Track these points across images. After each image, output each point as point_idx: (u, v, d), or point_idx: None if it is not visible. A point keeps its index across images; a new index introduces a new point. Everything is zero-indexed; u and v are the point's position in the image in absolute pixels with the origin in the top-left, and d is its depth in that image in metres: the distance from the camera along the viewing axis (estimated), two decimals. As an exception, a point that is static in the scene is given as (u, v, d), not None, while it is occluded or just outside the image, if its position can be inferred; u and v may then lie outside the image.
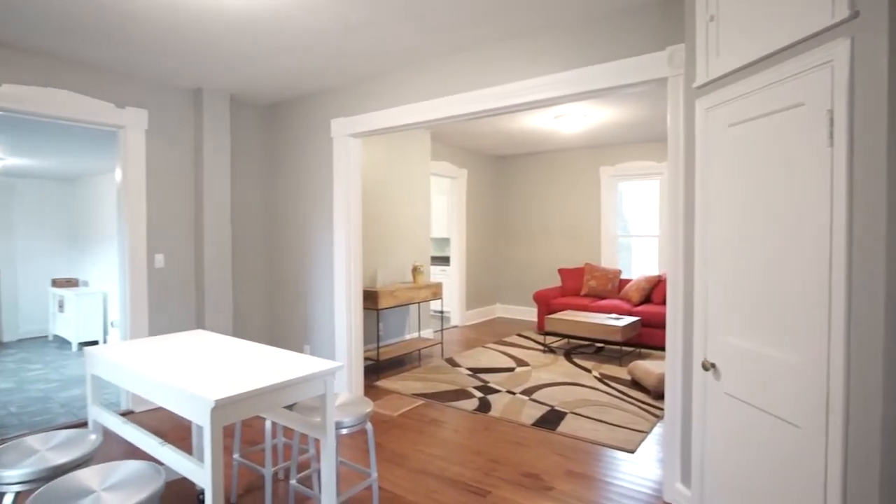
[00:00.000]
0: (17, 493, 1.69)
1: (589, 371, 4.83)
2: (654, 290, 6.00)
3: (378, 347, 4.69)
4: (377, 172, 5.35)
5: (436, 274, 8.03)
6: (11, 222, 6.82)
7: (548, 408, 3.82)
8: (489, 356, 5.39)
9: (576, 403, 3.91)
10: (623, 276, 6.92)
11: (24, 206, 6.95)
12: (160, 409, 3.84)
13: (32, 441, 1.88)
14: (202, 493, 2.55)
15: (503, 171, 7.94)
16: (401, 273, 5.62)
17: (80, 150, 5.21)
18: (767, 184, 1.60)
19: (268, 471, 2.29)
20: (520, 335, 6.49)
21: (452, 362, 5.14)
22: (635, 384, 4.40)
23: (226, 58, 3.36)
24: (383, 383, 4.43)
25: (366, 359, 4.75)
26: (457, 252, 7.14)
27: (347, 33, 2.96)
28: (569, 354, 5.50)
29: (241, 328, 4.47)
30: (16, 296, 6.87)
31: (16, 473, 1.66)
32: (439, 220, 8.24)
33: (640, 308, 5.79)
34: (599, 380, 4.54)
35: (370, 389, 4.29)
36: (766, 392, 1.59)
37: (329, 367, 1.85)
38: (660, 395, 4.04)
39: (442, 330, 5.54)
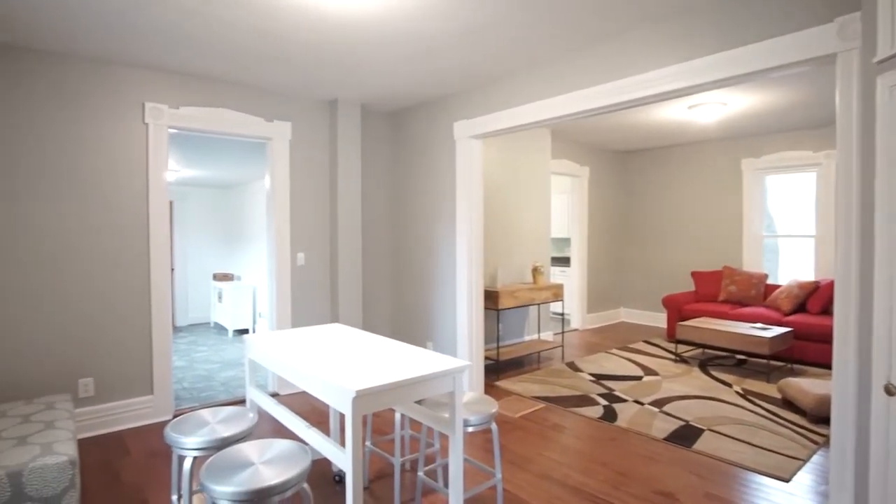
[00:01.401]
0: (195, 458, 1.96)
1: (729, 386, 4.38)
2: (809, 298, 5.27)
3: (498, 347, 4.70)
4: (497, 172, 5.36)
5: (555, 275, 7.85)
6: (184, 225, 7.99)
7: (681, 422, 3.53)
8: (614, 362, 5.14)
9: (714, 420, 3.57)
10: (769, 282, 6.18)
11: (193, 211, 8.09)
12: (300, 393, 4.22)
13: (205, 414, 2.16)
14: (338, 474, 2.76)
15: (629, 166, 7.52)
16: (520, 273, 5.58)
17: (234, 161, 5.92)
18: None
19: (397, 460, 2.40)
20: (647, 342, 6.09)
21: (574, 367, 4.98)
22: (787, 404, 3.90)
23: (359, 70, 3.58)
24: (503, 384, 4.43)
25: (485, 358, 4.79)
26: (577, 253, 6.91)
27: (470, 36, 3.00)
28: (704, 366, 5.04)
29: (369, 322, 4.75)
30: (186, 287, 8.02)
31: (194, 441, 1.93)
32: (559, 219, 8.04)
33: (791, 318, 5.12)
34: (742, 396, 4.10)
35: (490, 389, 4.31)
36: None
37: (459, 366, 1.89)
38: (820, 419, 3.53)
39: (563, 332, 5.40)
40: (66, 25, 2.79)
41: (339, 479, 2.74)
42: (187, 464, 1.94)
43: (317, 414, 3.76)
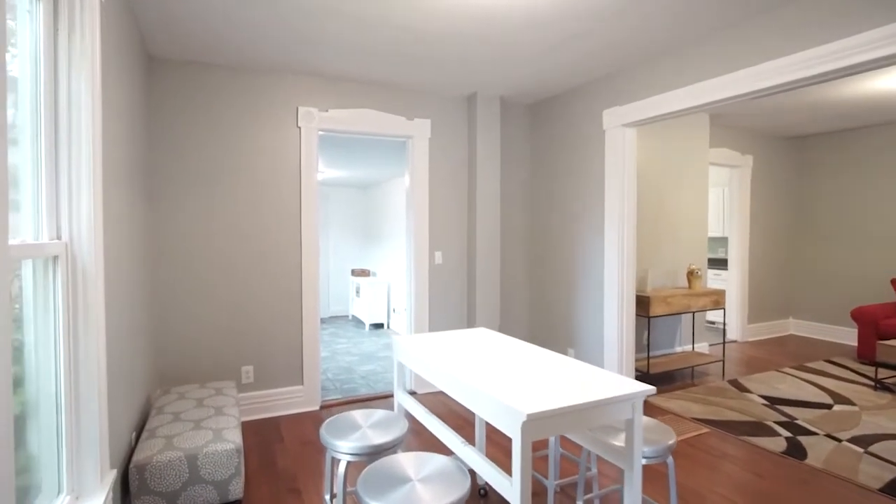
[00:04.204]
0: (348, 462, 1.91)
1: (962, 426, 3.46)
2: None
3: (648, 358, 4.22)
4: (647, 163, 4.84)
5: (709, 279, 7.00)
6: (325, 223, 8.52)
7: (901, 469, 2.82)
8: (790, 384, 4.36)
9: (950, 471, 2.80)
10: None
11: (333, 210, 8.59)
12: (437, 393, 4.16)
13: (356, 416, 2.12)
14: (483, 487, 2.59)
15: (802, 154, 6.43)
16: (672, 277, 5.00)
17: (372, 161, 6.11)
18: None
19: (551, 483, 2.17)
20: (830, 361, 5.12)
21: (739, 385, 4.31)
22: None
23: (501, 60, 3.39)
24: (654, 400, 3.96)
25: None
26: (737, 254, 6.06)
27: (626, 13, 2.64)
28: (918, 396, 4.06)
29: (505, 324, 4.56)
30: (328, 282, 8.55)
31: (348, 446, 1.87)
32: (714, 216, 7.16)
33: None
34: None
35: (640, 405, 3.87)
36: None
37: (641, 389, 1.59)
38: None
39: (724, 344, 4.72)
40: (232, 41, 2.98)
41: (484, 492, 2.57)
42: (341, 468, 1.89)
43: (454, 416, 3.66)
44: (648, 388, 1.61)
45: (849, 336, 5.95)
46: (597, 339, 3.87)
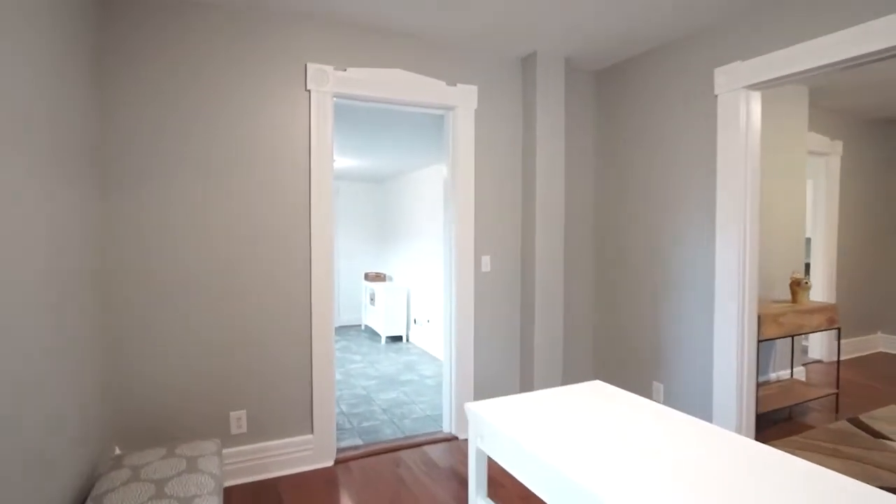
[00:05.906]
0: None
1: None
2: None
3: (756, 394, 3.28)
4: (737, 148, 3.90)
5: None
6: (336, 220, 7.59)
7: None
8: (932, 426, 3.42)
9: None
10: None
11: (344, 206, 7.66)
12: (484, 438, 3.24)
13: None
14: None
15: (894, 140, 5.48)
16: (768, 286, 4.06)
17: (396, 145, 5.17)
18: None
19: None
20: (957, 391, 4.17)
21: (864, 426, 3.37)
22: None
23: (564, 8, 2.46)
24: (771, 451, 3.02)
25: (730, 406, 3.40)
26: (823, 258, 5.10)
27: None
28: None
29: (565, 347, 3.62)
30: (339, 287, 7.63)
31: None
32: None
33: None
34: None
35: (755, 459, 2.94)
36: None
37: None
38: None
39: (838, 367, 3.78)
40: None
41: None
42: None
43: (499, 473, 2.73)
44: None
45: (960, 356, 5.00)
46: (701, 372, 2.93)
